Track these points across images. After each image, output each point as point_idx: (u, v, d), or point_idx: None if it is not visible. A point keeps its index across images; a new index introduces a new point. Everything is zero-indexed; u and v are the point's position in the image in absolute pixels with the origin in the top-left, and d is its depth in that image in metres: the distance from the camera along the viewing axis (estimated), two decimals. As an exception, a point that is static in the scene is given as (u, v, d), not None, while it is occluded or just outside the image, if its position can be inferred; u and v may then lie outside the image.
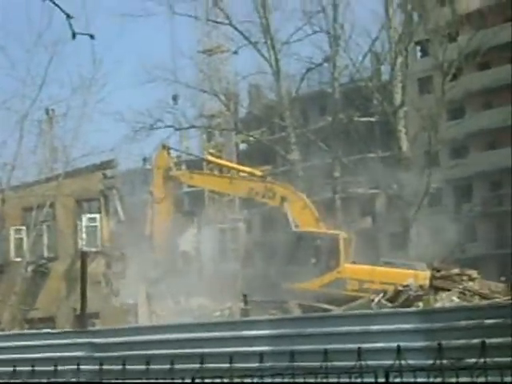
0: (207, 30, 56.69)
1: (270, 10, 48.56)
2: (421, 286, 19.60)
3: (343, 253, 26.42)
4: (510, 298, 17.17)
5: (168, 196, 27.50)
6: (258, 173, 28.50)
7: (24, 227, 35.41)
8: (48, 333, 16.34)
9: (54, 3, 6.88)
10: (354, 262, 26.90)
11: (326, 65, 49.61)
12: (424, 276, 22.23)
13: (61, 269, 33.21)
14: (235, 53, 51.92)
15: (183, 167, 28.22)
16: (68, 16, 6.83)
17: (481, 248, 56.56)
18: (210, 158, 28.64)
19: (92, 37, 7.22)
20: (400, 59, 46.60)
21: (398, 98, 46.86)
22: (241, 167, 28.18)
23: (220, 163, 28.41)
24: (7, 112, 35.28)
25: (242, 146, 65.10)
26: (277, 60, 48.30)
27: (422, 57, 59.23)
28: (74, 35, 6.94)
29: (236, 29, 49.31)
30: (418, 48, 58.60)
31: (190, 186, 40.65)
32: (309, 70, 49.59)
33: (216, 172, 31.68)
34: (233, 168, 28.26)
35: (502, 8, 55.24)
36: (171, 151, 30.17)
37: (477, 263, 46.22)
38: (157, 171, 28.32)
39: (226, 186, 27.32)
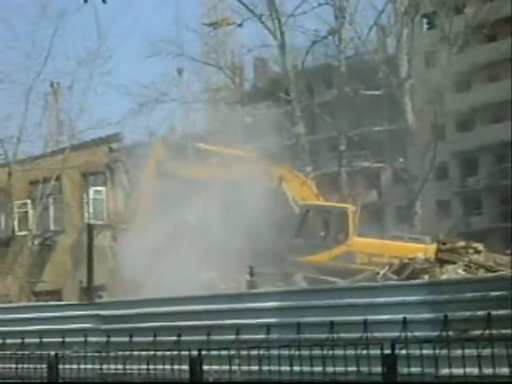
0: (212, 2, 56.42)
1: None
2: (426, 259, 19.64)
3: (352, 226, 26.41)
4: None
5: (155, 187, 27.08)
6: (252, 155, 28.31)
7: (29, 201, 35.50)
8: (55, 305, 16.44)
9: None
10: (359, 235, 26.90)
11: (331, 38, 49.35)
12: (433, 249, 22.26)
13: (67, 242, 33.35)
14: (240, 26, 51.65)
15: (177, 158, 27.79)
16: None
17: (486, 221, 56.57)
18: (203, 146, 28.31)
19: (104, 1, 7.21)
20: (406, 32, 46.33)
21: (403, 71, 46.65)
22: (234, 151, 27.92)
23: (213, 150, 28.18)
24: (12, 85, 35.34)
25: (248, 120, 65.01)
26: (282, 33, 48.04)
27: (428, 29, 58.89)
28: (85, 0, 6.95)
29: (241, 1, 49.05)
30: (425, 20, 58.25)
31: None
32: (314, 42, 49.31)
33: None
34: (226, 153, 28.02)
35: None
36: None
37: (482, 236, 46.28)
38: (150, 163, 27.92)
39: (221, 172, 27.06)
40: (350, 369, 8.49)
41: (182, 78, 50.12)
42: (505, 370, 7.72)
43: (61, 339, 12.43)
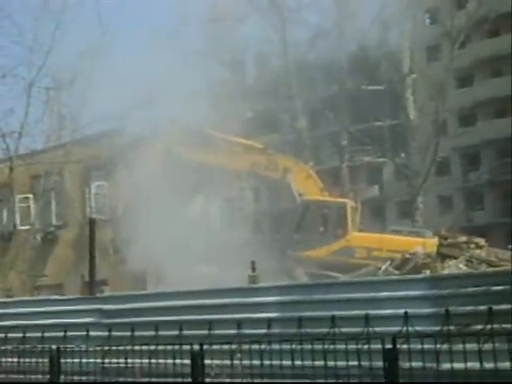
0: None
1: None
2: (428, 254, 19.66)
3: (351, 221, 26.47)
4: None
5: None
6: (259, 145, 28.35)
7: (30, 195, 35.51)
8: (57, 299, 16.45)
9: None
10: (360, 230, 26.95)
11: (333, 32, 49.31)
12: (432, 244, 22.28)
13: (69, 236, 33.36)
14: (241, 20, 51.59)
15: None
16: None
17: (488, 216, 56.58)
18: (213, 132, 28.28)
19: None
20: (408, 26, 46.33)
21: (405, 66, 46.68)
22: (242, 140, 27.98)
23: (222, 137, 28.20)
24: (14, 79, 35.27)
25: (249, 114, 65.01)
26: (283, 27, 48.06)
27: (430, 24, 58.85)
28: None
29: (243, -4, 48.98)
30: (427, 15, 58.22)
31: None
32: (316, 37, 49.31)
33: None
34: (234, 141, 28.07)
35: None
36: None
37: (484, 231, 46.28)
38: (158, 146, 27.90)
39: (229, 160, 27.16)
40: (351, 363, 8.50)
41: (183, 72, 50.02)
42: (506, 365, 7.73)
43: (63, 333, 12.45)
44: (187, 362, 9.06)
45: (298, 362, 9.10)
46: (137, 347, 10.75)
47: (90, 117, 35.36)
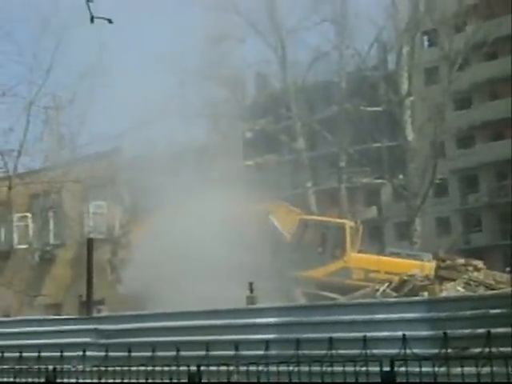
0: (214, 17, 56.55)
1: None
2: (426, 276, 19.65)
3: (349, 242, 26.42)
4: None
5: None
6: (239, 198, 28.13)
7: (29, 214, 35.49)
8: (54, 319, 16.41)
9: None
10: (360, 251, 26.92)
11: (332, 54, 49.56)
12: (430, 267, 22.27)
13: (67, 256, 33.32)
14: (242, 41, 51.85)
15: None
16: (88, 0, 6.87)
17: (486, 238, 56.56)
18: None
19: (110, 21, 7.24)
20: (406, 49, 46.55)
21: (404, 88, 46.85)
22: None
23: None
24: (14, 98, 35.33)
25: (248, 135, 65.17)
26: (283, 48, 48.29)
27: (428, 46, 59.11)
28: (92, 19, 6.97)
29: (243, 17, 49.27)
30: (425, 38, 58.49)
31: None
32: (315, 58, 49.55)
33: None
34: None
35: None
36: None
37: (482, 253, 46.25)
38: None
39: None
40: (348, 385, 8.47)
41: (182, 92, 50.20)
42: (504, 388, 7.71)
43: (59, 353, 12.40)
44: (184, 382, 9.03)
45: (295, 384, 9.06)
46: (134, 368, 10.71)
47: (89, 136, 35.51)
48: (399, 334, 8.66)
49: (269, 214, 26.91)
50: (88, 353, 12.07)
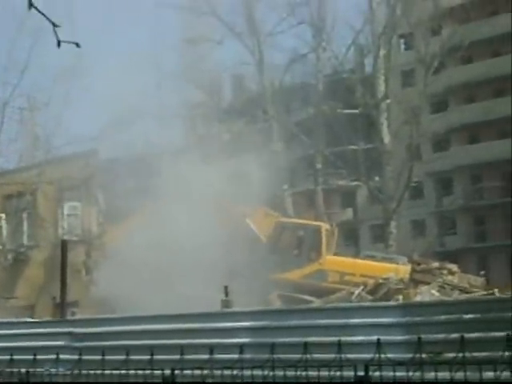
0: (191, 19, 56.48)
1: (254, 1, 48.55)
2: (401, 280, 19.70)
3: (325, 244, 26.44)
4: (488, 292, 17.32)
5: None
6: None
7: (2, 215, 35.22)
8: (27, 322, 16.28)
9: (39, 12, 6.81)
10: (336, 254, 26.95)
11: (309, 56, 49.62)
12: (405, 270, 22.32)
13: (41, 257, 33.09)
14: (219, 43, 51.79)
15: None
16: (54, 25, 6.75)
17: (461, 241, 56.87)
18: None
19: (78, 45, 7.14)
20: (383, 52, 46.67)
21: (380, 91, 46.96)
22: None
23: None
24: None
25: (225, 137, 65.04)
26: (260, 51, 48.27)
27: (405, 50, 59.35)
28: (58, 44, 6.86)
29: (220, 19, 49.21)
30: (402, 41, 58.72)
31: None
32: (292, 61, 49.56)
33: None
34: None
35: (485, 2, 55.50)
36: None
37: (457, 256, 46.50)
38: None
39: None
40: (323, 390, 8.46)
41: (159, 93, 50.07)
42: (478, 394, 7.72)
43: (32, 356, 12.30)
44: (158, 387, 8.98)
45: (269, 389, 9.04)
46: (107, 371, 10.64)
47: (65, 137, 35.34)
48: (374, 338, 8.66)
49: (245, 218, 26.88)
50: (61, 356, 11.98)
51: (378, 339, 8.34)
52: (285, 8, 48.56)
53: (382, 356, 8.25)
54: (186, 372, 9.36)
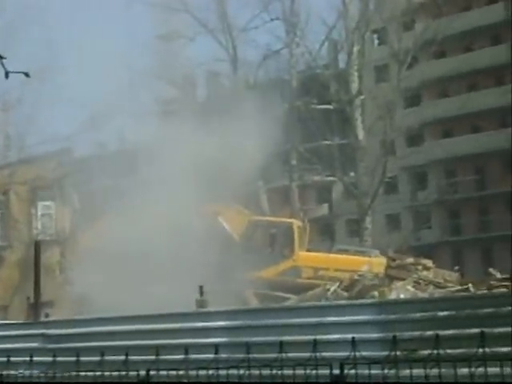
0: (164, 16, 56.29)
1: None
2: (376, 275, 19.74)
3: (297, 241, 26.49)
4: (462, 289, 17.41)
5: None
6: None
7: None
8: (0, 324, 16.14)
9: None
10: (308, 250, 26.99)
11: (283, 52, 49.62)
12: (378, 262, 22.44)
13: (14, 257, 32.87)
14: (192, 40, 51.68)
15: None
16: (1, 57, 6.61)
17: (435, 235, 57.19)
18: None
19: (27, 75, 7.02)
20: (356, 47, 46.75)
21: (354, 87, 47.05)
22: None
23: None
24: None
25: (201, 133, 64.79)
26: (234, 47, 48.21)
27: (378, 45, 59.51)
28: (6, 75, 6.72)
29: (193, 15, 49.09)
30: (375, 36, 58.87)
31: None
32: (266, 57, 49.55)
33: None
34: None
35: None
36: None
37: (431, 250, 46.75)
38: None
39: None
40: (299, 389, 8.44)
41: (133, 91, 49.87)
42: (452, 391, 7.74)
43: (5, 359, 12.19)
44: (133, 388, 8.92)
45: (245, 389, 9.01)
46: (82, 373, 10.57)
47: (38, 137, 35.07)
48: (349, 336, 8.65)
49: (218, 216, 26.83)
50: (35, 358, 11.88)
51: (353, 337, 8.34)
52: (258, 4, 48.58)
53: (358, 354, 8.25)
54: (161, 373, 9.31)
